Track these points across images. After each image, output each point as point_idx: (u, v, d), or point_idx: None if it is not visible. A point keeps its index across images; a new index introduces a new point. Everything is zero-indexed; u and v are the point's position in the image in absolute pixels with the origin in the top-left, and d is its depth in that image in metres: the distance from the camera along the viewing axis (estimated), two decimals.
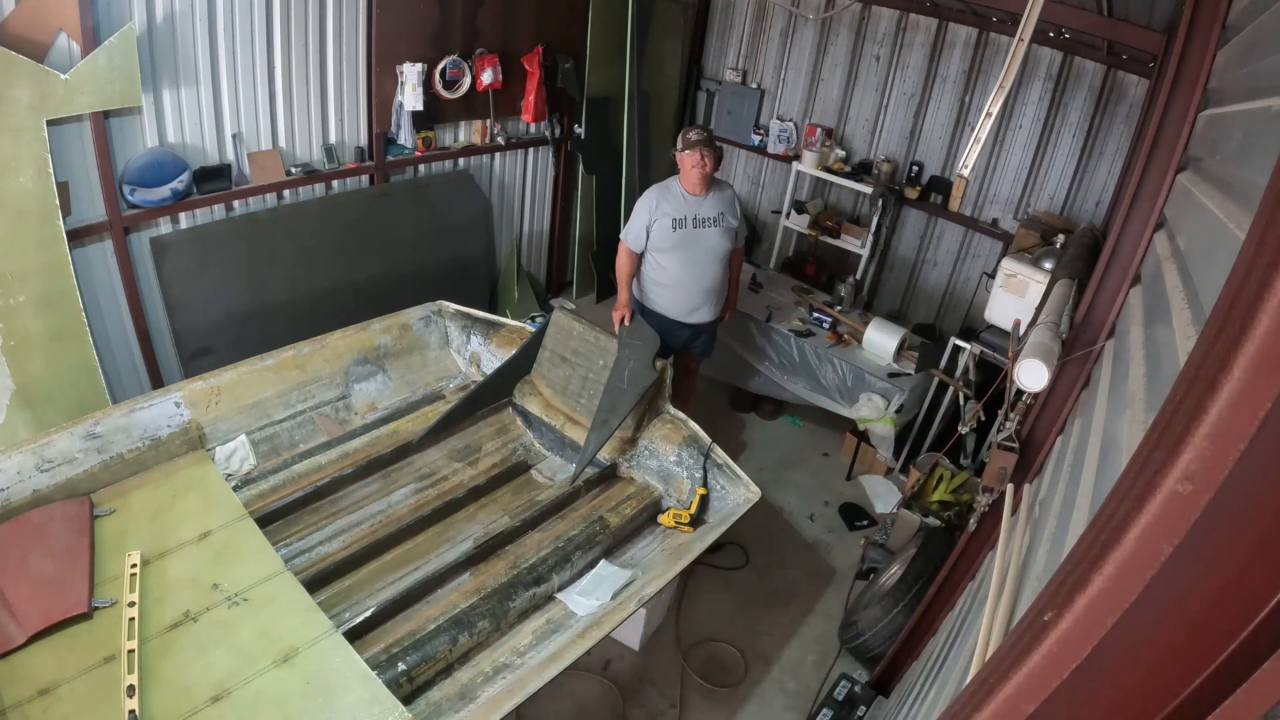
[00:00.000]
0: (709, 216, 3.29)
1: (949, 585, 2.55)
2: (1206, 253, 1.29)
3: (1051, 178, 4.37)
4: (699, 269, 3.35)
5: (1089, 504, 1.36)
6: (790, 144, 5.26)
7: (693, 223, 3.27)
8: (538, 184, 5.17)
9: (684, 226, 3.27)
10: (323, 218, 3.93)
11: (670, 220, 3.25)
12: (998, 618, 1.50)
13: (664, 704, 2.85)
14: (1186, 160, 1.90)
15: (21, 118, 2.73)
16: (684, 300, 3.43)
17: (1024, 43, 2.15)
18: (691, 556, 2.54)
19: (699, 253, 3.32)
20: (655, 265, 3.40)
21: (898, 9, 4.60)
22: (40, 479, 2.34)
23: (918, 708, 2.01)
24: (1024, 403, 2.20)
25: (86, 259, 3.17)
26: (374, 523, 2.70)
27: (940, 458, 3.62)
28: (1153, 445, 0.65)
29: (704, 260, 3.34)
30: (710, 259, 3.35)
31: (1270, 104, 1.18)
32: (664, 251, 3.33)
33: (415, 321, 3.43)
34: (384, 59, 3.86)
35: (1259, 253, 0.59)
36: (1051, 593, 0.71)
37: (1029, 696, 0.70)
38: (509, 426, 3.30)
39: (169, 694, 1.86)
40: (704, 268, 3.35)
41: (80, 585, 2.06)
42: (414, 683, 2.14)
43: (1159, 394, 1.18)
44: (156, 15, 3.06)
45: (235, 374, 2.86)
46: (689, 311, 3.45)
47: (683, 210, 3.26)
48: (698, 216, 3.28)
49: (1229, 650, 0.59)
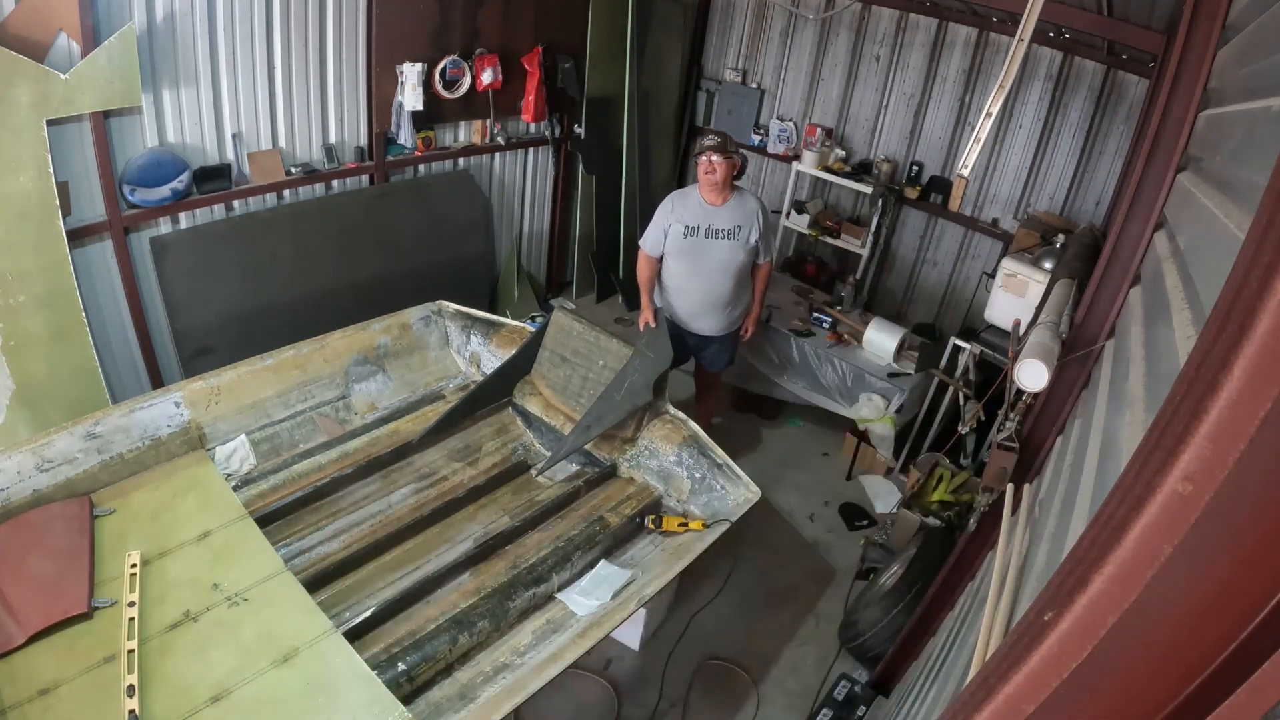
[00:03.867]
0: (723, 228, 3.24)
1: (949, 585, 2.54)
2: (1206, 253, 1.29)
3: (1051, 178, 4.37)
4: (704, 280, 3.33)
5: (1089, 504, 1.36)
6: (790, 144, 5.26)
7: (704, 232, 3.24)
8: (538, 184, 5.17)
9: (695, 235, 3.24)
10: (323, 218, 3.93)
11: (683, 226, 3.23)
12: (998, 618, 1.50)
13: (664, 704, 2.85)
14: (1186, 160, 1.90)
15: (21, 118, 2.73)
16: (687, 307, 3.42)
17: (1024, 43, 2.15)
18: (692, 556, 2.54)
19: (706, 263, 3.29)
20: (666, 268, 3.42)
21: (898, 9, 4.60)
22: (40, 479, 2.34)
23: (918, 708, 2.01)
24: (1024, 403, 2.20)
25: (86, 259, 3.17)
26: (374, 523, 2.70)
27: (940, 458, 3.62)
28: (1153, 445, 0.65)
29: (711, 271, 3.31)
30: (718, 271, 3.31)
31: (1270, 104, 1.18)
32: (673, 256, 3.33)
33: (415, 321, 3.43)
34: (384, 59, 3.86)
35: (1259, 253, 0.59)
36: (1051, 593, 0.71)
37: (1029, 696, 0.70)
38: (509, 426, 3.29)
39: (169, 694, 1.86)
40: (710, 279, 3.33)
41: (80, 585, 2.05)
42: (414, 683, 2.13)
43: (1159, 394, 1.18)
44: (156, 15, 3.06)
45: (235, 374, 2.86)
46: (692, 319, 3.45)
47: (697, 218, 3.24)
48: (711, 226, 3.24)
49: (1229, 650, 0.59)
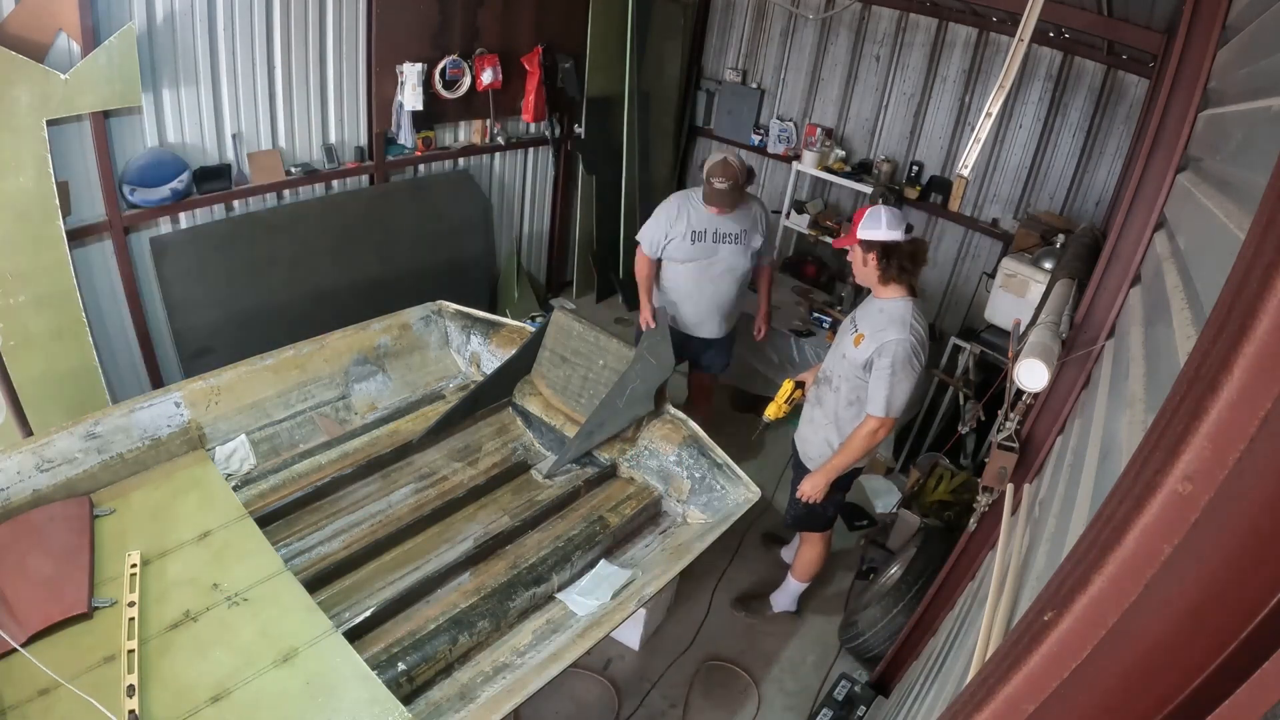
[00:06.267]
0: (730, 232, 3.24)
1: (949, 585, 2.54)
2: (1206, 253, 1.29)
3: (1051, 178, 4.37)
4: (713, 285, 3.32)
5: (1089, 504, 1.36)
6: (790, 144, 5.26)
7: (713, 237, 3.23)
8: (538, 184, 5.17)
9: (703, 240, 3.23)
10: (322, 218, 3.93)
11: (691, 232, 3.22)
12: (998, 618, 1.50)
13: (664, 704, 2.85)
14: (1186, 160, 1.90)
15: (21, 118, 2.73)
16: (693, 313, 3.41)
17: (1024, 43, 2.14)
18: (692, 556, 2.54)
19: (715, 268, 3.29)
20: (669, 274, 3.39)
21: (898, 9, 4.60)
22: (40, 479, 2.34)
23: (918, 708, 2.00)
24: (1024, 403, 2.20)
25: (86, 259, 3.17)
26: (374, 523, 2.70)
27: (940, 458, 3.62)
28: (1153, 445, 0.65)
29: (719, 276, 3.30)
30: (726, 275, 3.31)
31: (1270, 104, 1.18)
32: (679, 262, 3.30)
33: (415, 321, 3.43)
34: (384, 59, 3.86)
35: (1259, 253, 0.59)
36: (1051, 593, 0.72)
37: (1029, 696, 0.70)
38: (509, 426, 3.30)
39: (169, 694, 1.86)
40: (718, 284, 3.32)
41: (80, 585, 2.05)
42: (414, 683, 2.14)
43: (1159, 394, 1.18)
44: (156, 15, 3.06)
45: (235, 374, 2.86)
46: (696, 325, 3.43)
47: (704, 223, 3.22)
48: (719, 231, 3.23)
49: (1229, 650, 0.59)
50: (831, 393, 2.70)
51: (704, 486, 2.90)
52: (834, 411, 2.70)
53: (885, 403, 2.47)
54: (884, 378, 2.45)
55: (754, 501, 2.77)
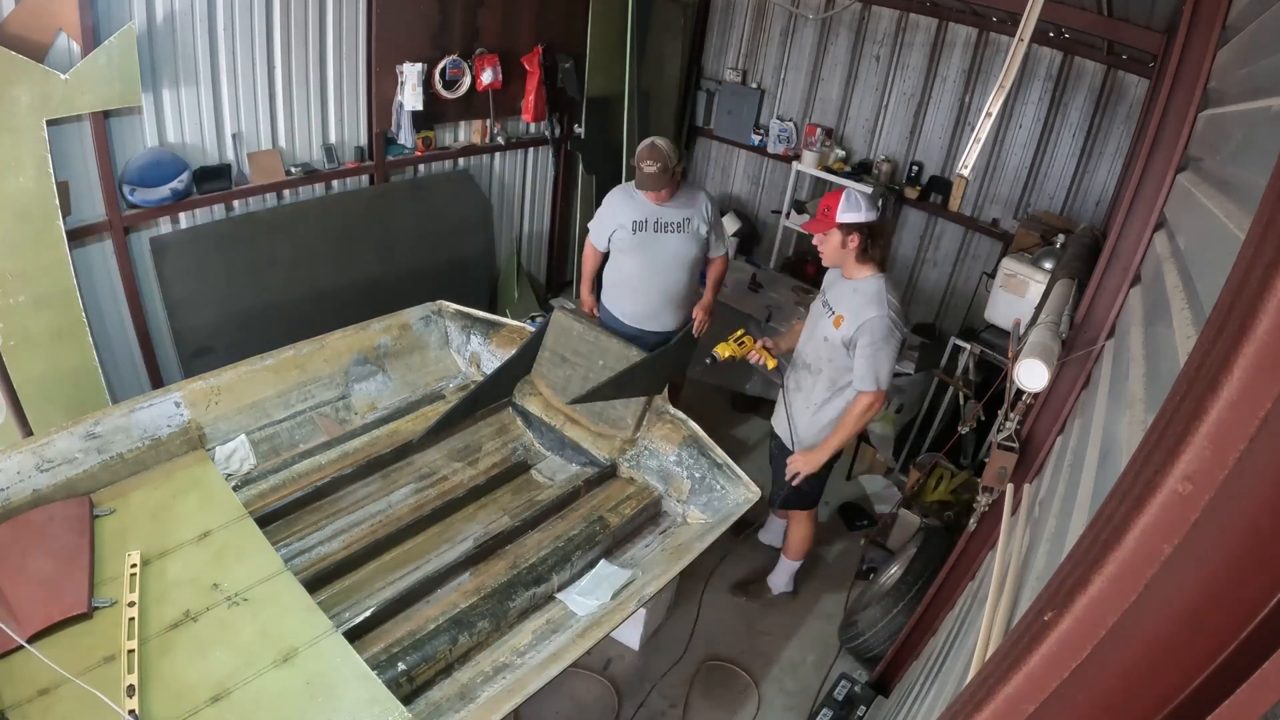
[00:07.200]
0: (672, 221, 3.19)
1: (949, 585, 2.54)
2: (1206, 253, 1.29)
3: (1051, 178, 4.37)
4: (659, 276, 3.27)
5: (1089, 504, 1.36)
6: (790, 144, 5.26)
7: (654, 226, 3.19)
8: (538, 184, 5.17)
9: (644, 229, 3.18)
10: (322, 218, 3.93)
11: (631, 223, 3.18)
12: (998, 618, 1.50)
13: (664, 704, 2.85)
14: (1186, 160, 1.90)
15: (21, 118, 2.73)
16: (643, 306, 3.35)
17: (1024, 43, 2.14)
18: (692, 556, 2.54)
19: (660, 258, 3.23)
20: (614, 267, 3.34)
21: (898, 9, 4.60)
22: (40, 479, 2.34)
23: (918, 707, 2.00)
24: (1024, 403, 2.20)
25: (86, 259, 3.17)
26: (374, 523, 2.70)
27: (940, 458, 3.62)
28: (1153, 445, 0.65)
29: (666, 267, 3.25)
30: (673, 265, 3.25)
31: (1270, 104, 1.18)
32: (625, 254, 3.26)
33: (415, 321, 3.43)
34: (384, 59, 3.86)
35: (1259, 253, 0.59)
36: (1051, 593, 0.72)
37: (1029, 696, 0.70)
38: (509, 426, 3.29)
39: (169, 694, 1.86)
40: (665, 275, 3.27)
41: (80, 585, 2.05)
42: (414, 683, 2.13)
43: (1159, 394, 1.18)
44: (156, 15, 3.06)
45: (235, 374, 2.86)
46: (648, 317, 3.37)
47: (644, 213, 3.17)
48: (660, 220, 3.18)
49: (1229, 650, 0.59)
50: (812, 376, 2.80)
51: (704, 486, 2.90)
52: (817, 394, 2.80)
53: (874, 377, 2.61)
54: (869, 354, 2.58)
55: (754, 501, 2.77)
